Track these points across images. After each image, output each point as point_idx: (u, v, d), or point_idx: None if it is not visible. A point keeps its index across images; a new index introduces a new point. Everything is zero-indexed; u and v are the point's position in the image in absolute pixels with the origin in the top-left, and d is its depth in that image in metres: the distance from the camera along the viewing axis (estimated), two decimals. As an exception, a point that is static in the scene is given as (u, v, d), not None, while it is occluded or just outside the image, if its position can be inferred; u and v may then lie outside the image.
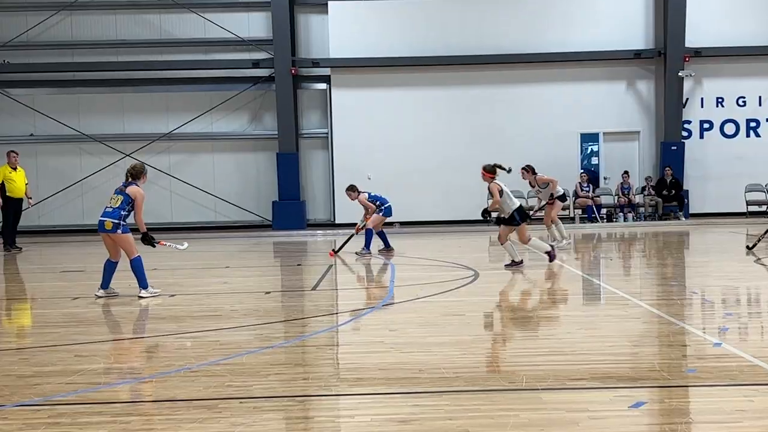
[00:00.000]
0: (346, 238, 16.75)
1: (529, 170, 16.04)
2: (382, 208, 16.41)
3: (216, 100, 24.63)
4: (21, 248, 18.93)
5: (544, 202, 16.10)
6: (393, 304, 9.90)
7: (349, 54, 24.04)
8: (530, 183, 16.24)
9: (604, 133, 24.31)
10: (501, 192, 12.97)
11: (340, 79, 24.27)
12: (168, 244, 11.42)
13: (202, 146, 25.02)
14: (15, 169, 18.92)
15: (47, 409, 5.57)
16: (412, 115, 24.17)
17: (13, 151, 19.19)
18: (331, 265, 14.49)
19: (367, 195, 16.42)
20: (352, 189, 16.39)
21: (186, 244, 11.61)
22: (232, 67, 24.47)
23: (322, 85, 24.82)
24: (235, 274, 13.33)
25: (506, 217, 13.07)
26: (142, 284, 10.99)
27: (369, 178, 17.40)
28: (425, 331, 8.08)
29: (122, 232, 10.84)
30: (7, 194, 18.83)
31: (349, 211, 24.38)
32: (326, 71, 24.47)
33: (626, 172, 23.91)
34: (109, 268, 11.05)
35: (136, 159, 24.51)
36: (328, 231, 23.17)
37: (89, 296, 11.16)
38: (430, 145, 24.15)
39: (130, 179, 11.05)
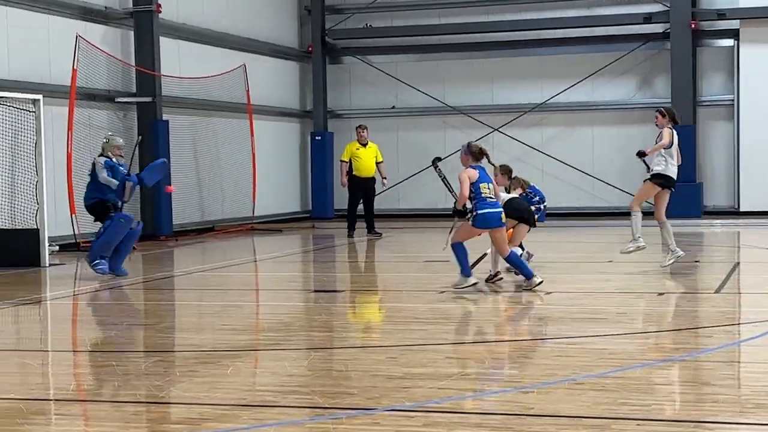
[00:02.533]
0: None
1: None
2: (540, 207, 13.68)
3: (598, 63, 24.50)
4: (380, 234, 20.06)
5: None
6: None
7: (764, 2, 22.85)
8: None
9: None
10: None
11: (752, 34, 23.13)
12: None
13: (580, 118, 25.04)
14: (365, 145, 20.06)
15: (421, 416, 5.87)
16: None
17: (361, 126, 20.30)
18: (737, 263, 13.88)
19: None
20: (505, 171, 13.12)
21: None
22: (619, 24, 24.20)
23: (728, 42, 23.80)
24: (619, 270, 13.23)
25: None
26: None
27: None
28: None
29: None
30: (354, 173, 19.94)
31: (759, 195, 23.18)
32: (734, 24, 23.43)
33: None
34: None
35: (505, 133, 25.11)
36: (728, 221, 22.22)
37: (457, 289, 11.60)
38: None
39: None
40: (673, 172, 12.78)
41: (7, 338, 9.62)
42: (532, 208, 12.95)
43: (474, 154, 11.36)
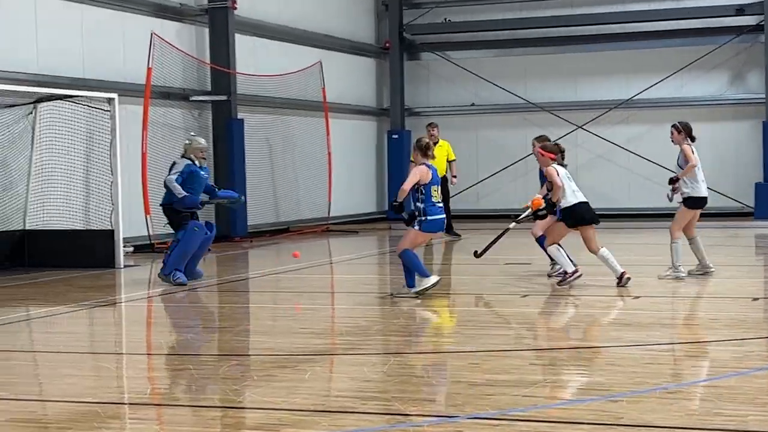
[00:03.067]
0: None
1: None
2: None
3: (687, 57, 24.16)
4: (459, 235, 20.00)
5: None
6: None
7: None
8: None
9: None
10: None
11: None
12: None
13: (667, 115, 24.65)
14: (435, 143, 19.72)
15: (506, 425, 5.83)
16: None
17: (432, 123, 20.17)
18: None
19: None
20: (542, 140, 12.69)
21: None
22: (710, 16, 23.84)
23: (827, 35, 23.33)
24: (712, 274, 13.00)
25: None
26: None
27: None
28: None
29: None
30: None
31: None
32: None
33: None
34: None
35: (589, 131, 24.87)
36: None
37: (540, 293, 11.52)
38: None
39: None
40: (703, 190, 12.29)
41: (83, 341, 9.78)
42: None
43: (422, 149, 11.18)
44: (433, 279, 11.27)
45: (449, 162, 20.03)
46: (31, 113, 15.75)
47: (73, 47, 16.98)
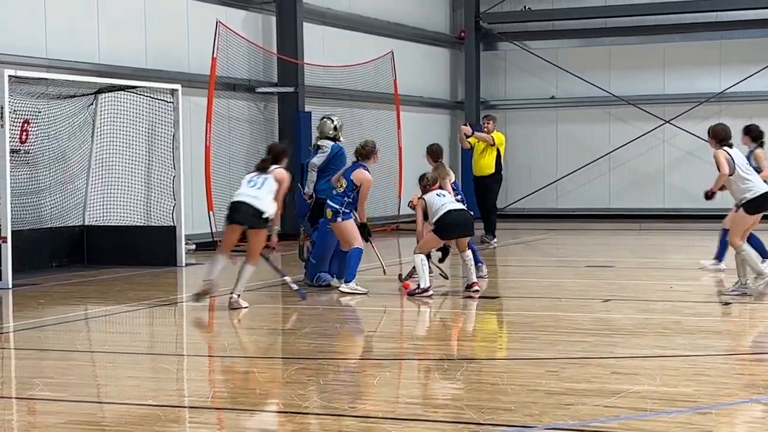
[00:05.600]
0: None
1: None
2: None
3: (785, 48, 23.80)
4: (489, 241, 18.72)
5: None
6: None
7: None
8: None
9: None
10: None
11: None
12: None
13: (764, 109, 24.33)
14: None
15: (585, 436, 5.81)
16: None
17: (488, 116, 19.39)
18: None
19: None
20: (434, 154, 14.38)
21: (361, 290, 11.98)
22: (808, 4, 23.46)
23: None
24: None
25: None
26: (348, 276, 12.02)
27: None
28: None
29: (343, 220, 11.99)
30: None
31: None
32: None
33: None
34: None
35: (678, 126, 24.58)
36: None
37: (623, 298, 11.42)
38: None
39: (358, 160, 12.32)
40: (763, 187, 11.51)
41: (144, 341, 9.92)
42: None
43: (361, 153, 12.54)
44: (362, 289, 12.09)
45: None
46: (92, 104, 15.99)
47: (136, 36, 17.21)
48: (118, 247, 15.56)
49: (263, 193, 10.92)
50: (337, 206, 12.14)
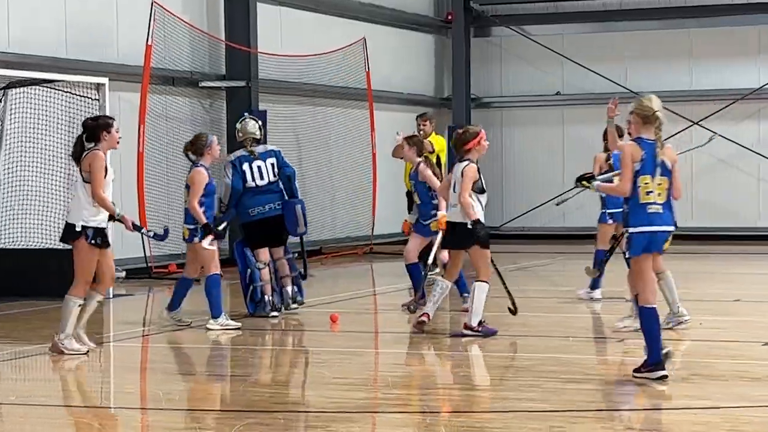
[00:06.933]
0: None
1: None
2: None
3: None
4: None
5: None
6: None
7: None
8: None
9: None
10: None
11: None
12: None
13: (810, 108, 24.58)
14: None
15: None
16: None
17: (424, 115, 18.40)
18: None
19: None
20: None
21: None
22: None
23: None
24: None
25: None
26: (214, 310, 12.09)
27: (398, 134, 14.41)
28: None
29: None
30: None
31: None
32: None
33: None
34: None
35: (707, 128, 24.68)
36: None
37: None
38: None
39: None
40: None
41: (59, 390, 9.85)
42: None
43: (192, 151, 12.49)
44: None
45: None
46: (0, 102, 15.91)
47: (54, 20, 17.13)
48: (28, 273, 15.40)
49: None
50: (193, 225, 12.23)
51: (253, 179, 13.32)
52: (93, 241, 10.57)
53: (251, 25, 20.09)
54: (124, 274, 16.90)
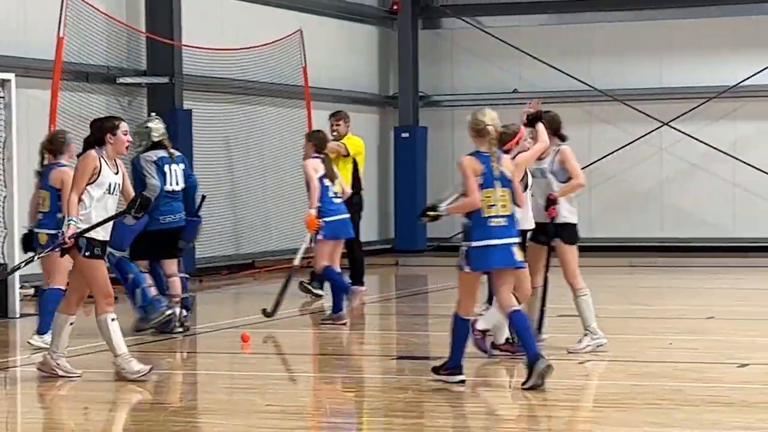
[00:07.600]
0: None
1: None
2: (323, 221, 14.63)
3: (817, 28, 24.27)
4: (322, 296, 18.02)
5: None
6: None
7: None
8: None
9: None
10: None
11: None
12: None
13: (789, 108, 24.79)
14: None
15: None
16: None
17: (338, 114, 18.14)
18: None
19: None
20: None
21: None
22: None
23: None
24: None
25: None
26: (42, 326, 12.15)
27: None
28: None
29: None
30: None
31: None
32: None
33: None
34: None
35: (679, 129, 24.84)
36: None
37: (606, 358, 11.50)
38: None
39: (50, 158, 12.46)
40: None
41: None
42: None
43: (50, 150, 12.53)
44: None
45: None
46: None
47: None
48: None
49: None
50: (49, 230, 12.28)
51: (171, 184, 13.34)
52: (87, 253, 10.50)
53: (175, 15, 20.01)
54: (33, 291, 16.79)
